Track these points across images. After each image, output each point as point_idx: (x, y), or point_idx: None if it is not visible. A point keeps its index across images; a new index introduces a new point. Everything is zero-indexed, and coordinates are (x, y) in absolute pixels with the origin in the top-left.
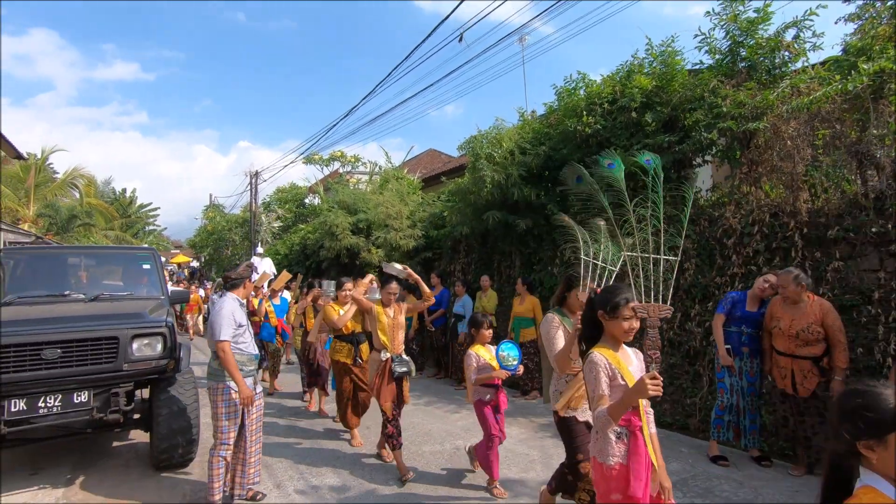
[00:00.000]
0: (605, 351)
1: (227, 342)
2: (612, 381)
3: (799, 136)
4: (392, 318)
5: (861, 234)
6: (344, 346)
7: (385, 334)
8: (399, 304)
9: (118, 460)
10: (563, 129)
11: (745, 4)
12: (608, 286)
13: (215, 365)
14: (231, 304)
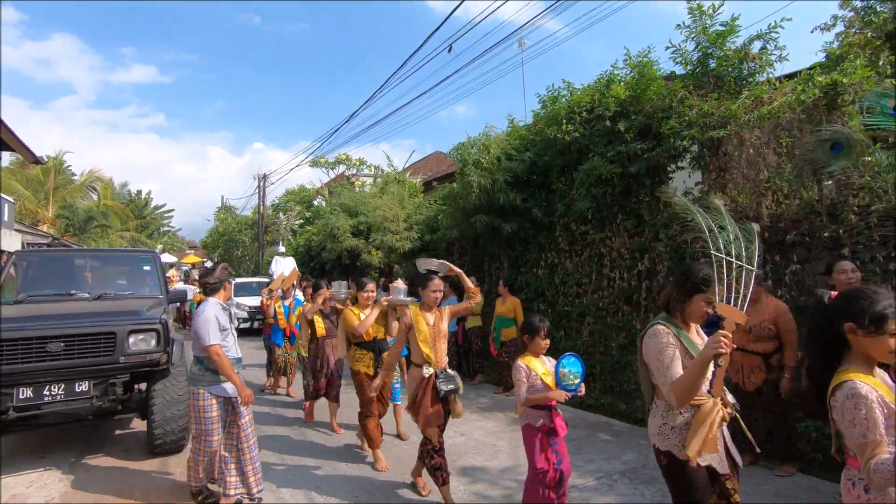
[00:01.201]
0: (867, 378)
1: (218, 345)
2: (886, 419)
3: (762, 144)
4: (433, 326)
5: (816, 239)
6: (365, 355)
7: (427, 345)
8: (440, 309)
9: (119, 446)
10: (545, 136)
11: (714, 18)
12: (857, 290)
13: (196, 370)
14: (213, 309)
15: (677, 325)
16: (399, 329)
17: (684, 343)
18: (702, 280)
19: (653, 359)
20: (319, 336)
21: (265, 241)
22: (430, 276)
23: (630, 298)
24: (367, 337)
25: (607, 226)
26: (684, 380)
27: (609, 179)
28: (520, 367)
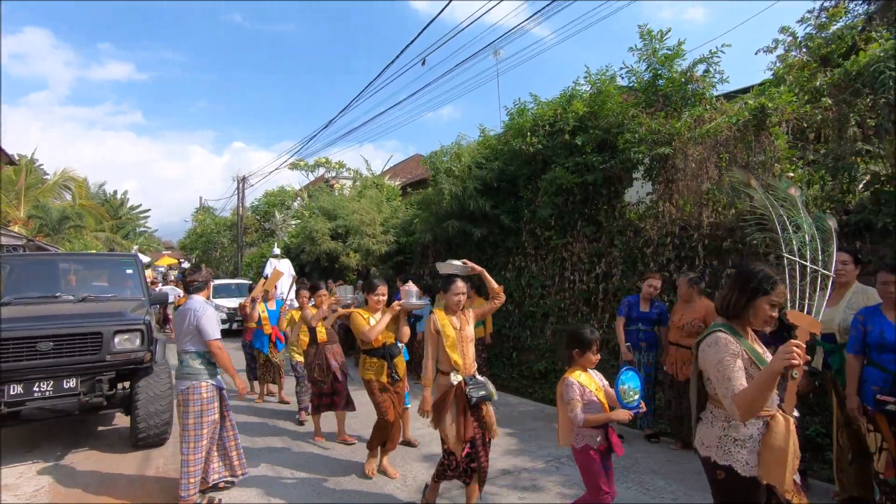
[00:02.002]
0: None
1: (220, 339)
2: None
3: (703, 159)
4: (459, 330)
5: (747, 246)
6: (375, 363)
7: (455, 351)
8: (464, 312)
9: (104, 441)
10: (511, 147)
11: (662, 42)
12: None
13: (197, 364)
14: (211, 306)
15: (738, 333)
16: (427, 337)
17: (748, 352)
18: (764, 280)
19: (712, 368)
20: (321, 342)
21: (244, 243)
22: (452, 279)
23: (589, 300)
24: (376, 343)
25: (569, 232)
26: (750, 393)
27: (570, 189)
28: (572, 385)
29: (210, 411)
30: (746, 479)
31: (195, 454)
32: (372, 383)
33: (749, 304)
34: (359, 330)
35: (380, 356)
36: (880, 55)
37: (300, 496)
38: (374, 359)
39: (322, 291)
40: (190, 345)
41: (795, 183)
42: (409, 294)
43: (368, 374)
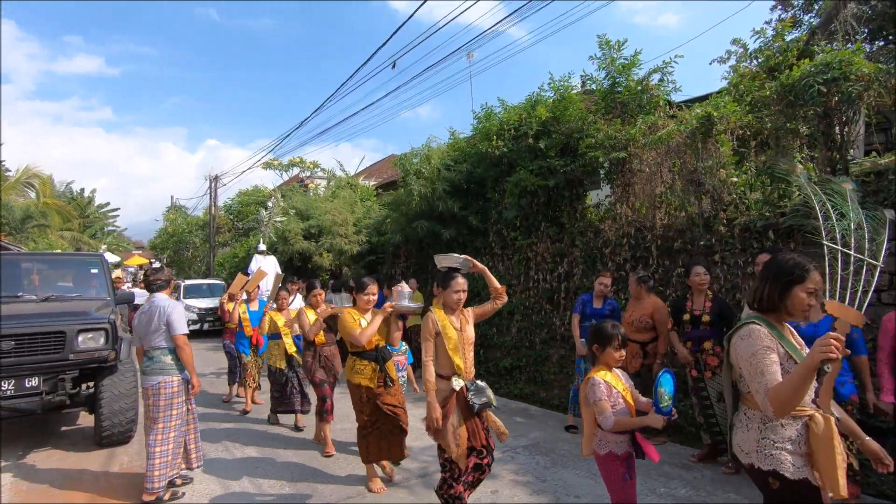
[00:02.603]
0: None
1: (187, 334)
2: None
3: (657, 163)
4: (460, 331)
5: (695, 247)
6: (366, 366)
7: (457, 353)
8: (464, 311)
9: (67, 440)
10: (478, 150)
11: (620, 52)
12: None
13: (168, 360)
14: (177, 303)
15: (773, 325)
16: (425, 338)
17: (784, 346)
18: (797, 267)
19: (744, 362)
20: (318, 344)
21: (217, 243)
22: (452, 275)
23: (551, 298)
24: (368, 346)
25: (533, 232)
26: (785, 388)
27: (534, 191)
28: (598, 384)
29: (179, 404)
30: (798, 483)
31: (162, 446)
32: (362, 389)
33: (784, 294)
34: (349, 332)
35: (371, 359)
36: (811, 70)
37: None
38: (365, 361)
39: (318, 291)
40: (161, 341)
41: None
42: (402, 295)
43: (357, 377)
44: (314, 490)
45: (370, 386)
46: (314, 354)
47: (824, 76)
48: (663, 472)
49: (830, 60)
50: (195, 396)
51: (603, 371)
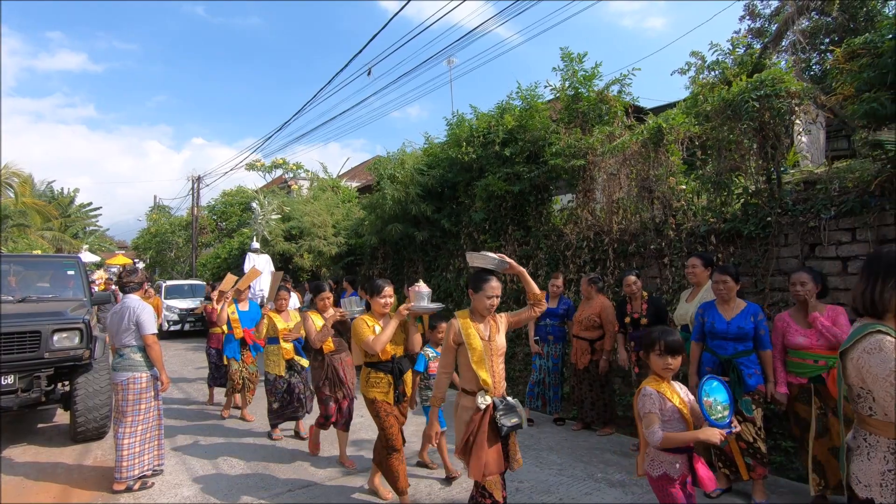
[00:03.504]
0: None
1: (156, 334)
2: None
3: (614, 171)
4: (488, 341)
5: (647, 250)
6: (382, 378)
7: (482, 366)
8: (495, 318)
9: (43, 436)
10: (449, 155)
11: (581, 63)
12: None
13: (138, 357)
14: (147, 304)
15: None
16: (445, 347)
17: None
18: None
19: (877, 380)
20: (326, 352)
21: (200, 244)
22: (486, 276)
23: (518, 298)
24: (383, 356)
25: (501, 235)
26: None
27: (502, 195)
28: (650, 395)
29: (147, 399)
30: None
31: (130, 438)
32: (377, 404)
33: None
34: (362, 339)
35: (386, 370)
36: (747, 86)
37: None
38: (381, 373)
39: (326, 294)
40: (131, 340)
41: (687, 193)
42: (420, 295)
43: (374, 391)
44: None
45: (386, 400)
46: (322, 364)
47: (758, 93)
48: (604, 459)
49: (764, 78)
50: (164, 391)
51: (656, 380)
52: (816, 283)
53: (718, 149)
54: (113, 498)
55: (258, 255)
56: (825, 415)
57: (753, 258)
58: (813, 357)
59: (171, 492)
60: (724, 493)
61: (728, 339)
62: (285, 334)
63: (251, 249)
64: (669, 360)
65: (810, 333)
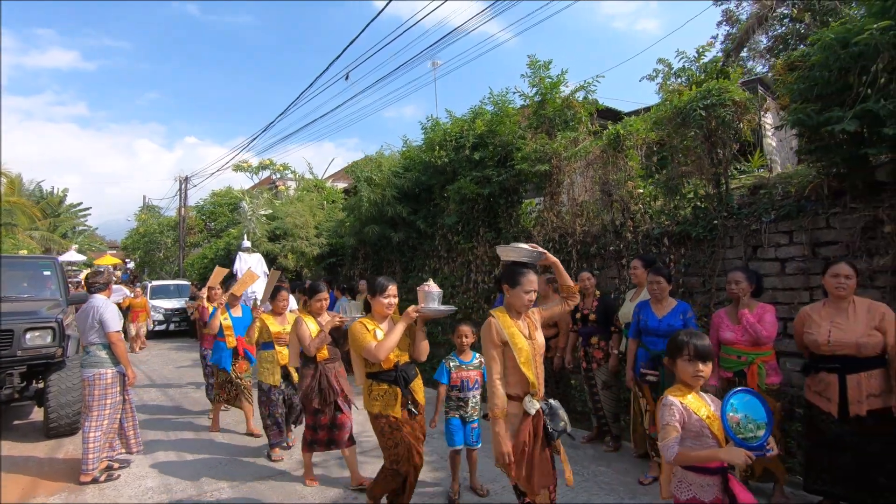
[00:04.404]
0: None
1: (120, 332)
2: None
3: (578, 175)
4: (530, 339)
5: (607, 251)
6: (385, 390)
7: (529, 367)
8: (530, 314)
9: (17, 432)
10: (423, 159)
11: (548, 70)
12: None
13: (103, 355)
14: (111, 303)
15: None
16: (489, 350)
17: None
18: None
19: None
20: (320, 360)
21: (186, 244)
22: (522, 270)
23: (489, 298)
24: (385, 364)
25: (473, 237)
26: None
27: (473, 198)
28: (671, 405)
29: (113, 394)
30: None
31: (96, 432)
32: (380, 419)
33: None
34: (361, 346)
35: (391, 381)
36: (695, 95)
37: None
38: (384, 385)
39: (323, 295)
40: (96, 337)
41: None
42: (430, 296)
43: (376, 405)
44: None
45: (393, 415)
46: (314, 374)
47: (705, 102)
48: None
49: (711, 88)
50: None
51: (681, 390)
52: (750, 282)
53: (671, 155)
54: (79, 489)
55: (249, 255)
56: None
57: (702, 259)
58: (737, 353)
59: (136, 483)
60: (657, 480)
61: (659, 335)
62: (280, 337)
63: (241, 248)
64: (700, 367)
65: (737, 329)
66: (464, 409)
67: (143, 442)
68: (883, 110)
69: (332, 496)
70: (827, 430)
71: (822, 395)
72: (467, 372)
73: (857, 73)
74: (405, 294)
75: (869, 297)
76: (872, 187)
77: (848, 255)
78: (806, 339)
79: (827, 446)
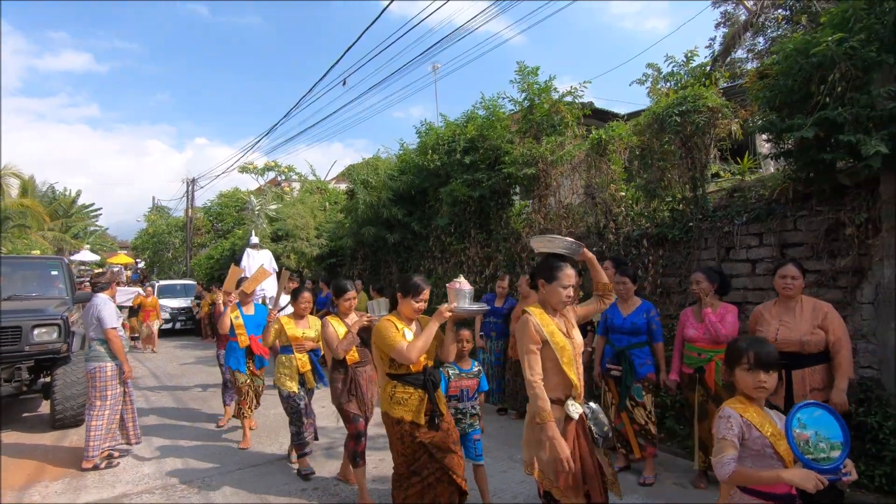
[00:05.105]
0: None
1: (116, 328)
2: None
3: (565, 178)
4: (569, 338)
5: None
6: (411, 395)
7: (571, 367)
8: (566, 312)
9: (26, 424)
10: (416, 162)
11: (536, 76)
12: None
13: (102, 350)
14: (111, 301)
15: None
16: (528, 349)
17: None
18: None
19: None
20: (350, 363)
21: (193, 244)
22: (559, 263)
23: (478, 298)
24: (415, 367)
25: (466, 238)
26: None
27: (465, 200)
28: (728, 417)
29: (113, 387)
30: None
31: (98, 421)
32: (402, 425)
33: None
34: (391, 346)
35: (418, 385)
36: (672, 102)
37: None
38: (410, 388)
39: (351, 294)
40: (95, 333)
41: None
42: (461, 294)
43: (399, 410)
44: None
45: (415, 421)
46: (345, 378)
47: (680, 108)
48: (508, 441)
49: (687, 95)
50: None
51: (741, 403)
52: (711, 281)
53: (650, 159)
54: (80, 475)
55: (258, 252)
56: (706, 401)
57: (678, 260)
58: (698, 350)
59: (133, 469)
60: (622, 470)
61: (624, 332)
62: (300, 343)
63: (250, 245)
64: (762, 378)
65: (700, 327)
66: (463, 421)
67: (142, 434)
68: (840, 117)
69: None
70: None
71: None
72: (467, 381)
73: (817, 82)
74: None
75: (831, 297)
76: (836, 191)
77: (812, 256)
78: (757, 336)
79: None
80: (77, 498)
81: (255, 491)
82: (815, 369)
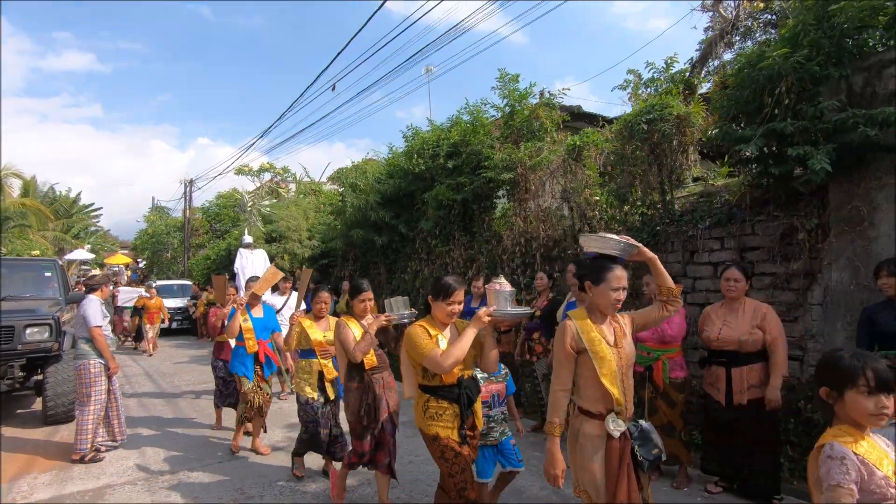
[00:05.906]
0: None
1: (101, 327)
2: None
3: (542, 183)
4: (616, 347)
5: (566, 255)
6: (445, 408)
7: (612, 380)
8: (618, 318)
9: (18, 420)
10: (402, 166)
11: (517, 83)
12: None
13: (88, 347)
14: (98, 301)
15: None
16: (558, 358)
17: None
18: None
19: None
20: (368, 367)
21: (192, 245)
22: (609, 264)
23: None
24: (448, 378)
25: (450, 240)
26: None
27: (449, 204)
28: (842, 459)
29: (99, 383)
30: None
31: (86, 416)
32: (442, 441)
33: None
34: (424, 354)
35: (452, 399)
36: (640, 110)
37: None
38: (445, 402)
39: (367, 295)
40: (83, 332)
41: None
42: (501, 296)
43: (435, 426)
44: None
45: (452, 437)
46: (361, 385)
47: (648, 116)
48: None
49: (654, 103)
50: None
51: (850, 434)
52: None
53: (621, 165)
54: (68, 467)
55: (252, 252)
56: (655, 398)
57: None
58: (646, 349)
59: (118, 463)
60: None
61: None
62: (325, 349)
63: (243, 245)
64: (884, 401)
65: None
66: (494, 430)
67: (130, 429)
68: (786, 129)
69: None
70: (718, 417)
71: (714, 386)
72: (496, 385)
73: (767, 94)
74: (391, 294)
75: (785, 299)
76: (791, 197)
77: (769, 259)
78: (703, 335)
79: (718, 431)
80: (63, 489)
81: (233, 482)
82: (753, 367)
